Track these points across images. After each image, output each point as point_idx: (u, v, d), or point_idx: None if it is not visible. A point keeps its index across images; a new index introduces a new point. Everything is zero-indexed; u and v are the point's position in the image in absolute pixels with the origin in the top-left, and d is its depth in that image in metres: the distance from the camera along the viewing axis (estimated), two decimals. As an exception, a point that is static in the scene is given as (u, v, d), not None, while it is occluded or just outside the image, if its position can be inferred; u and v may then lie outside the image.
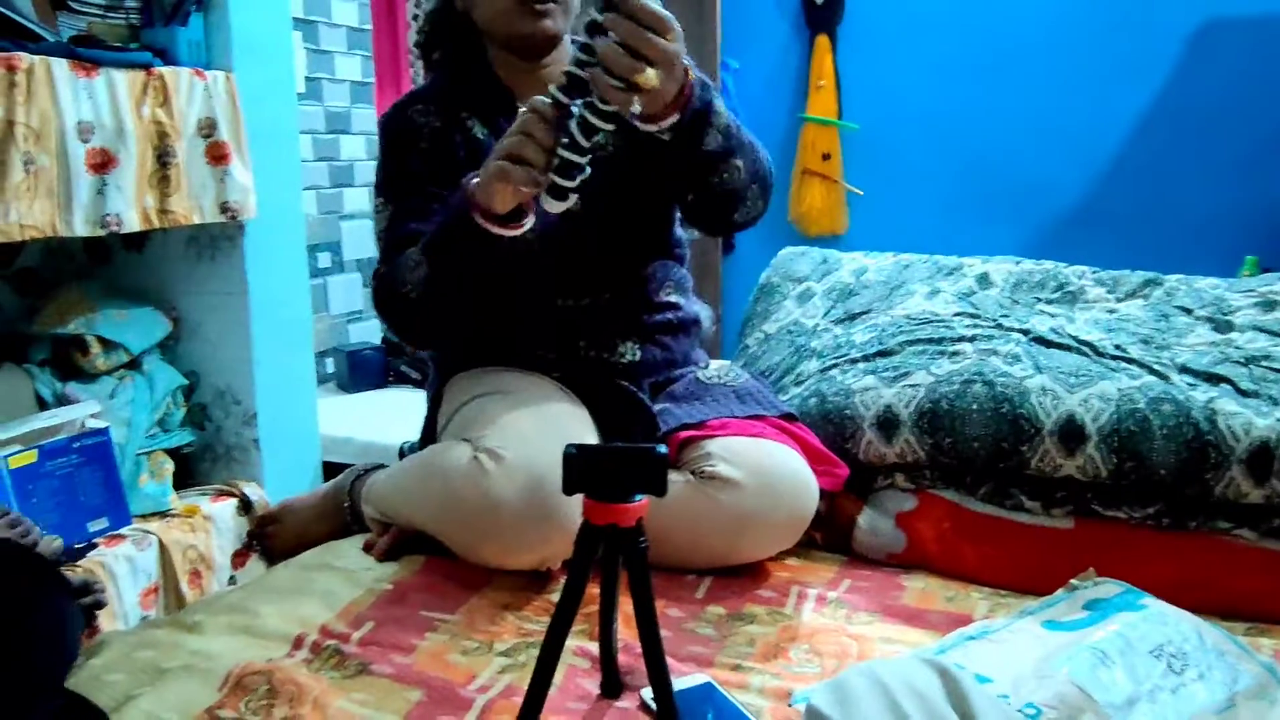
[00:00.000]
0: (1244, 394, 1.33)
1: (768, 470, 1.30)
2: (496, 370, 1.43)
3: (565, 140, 1.14)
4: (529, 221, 1.24)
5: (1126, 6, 3.07)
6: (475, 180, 1.24)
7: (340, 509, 1.51)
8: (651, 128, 1.22)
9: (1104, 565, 1.21)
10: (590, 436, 1.35)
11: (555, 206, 1.16)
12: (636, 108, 1.13)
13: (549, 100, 1.15)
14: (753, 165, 1.36)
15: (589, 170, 1.16)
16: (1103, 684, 0.95)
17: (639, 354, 1.45)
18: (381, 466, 1.54)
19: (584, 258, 1.42)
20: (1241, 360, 1.40)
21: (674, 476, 1.29)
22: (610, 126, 1.14)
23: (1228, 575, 1.25)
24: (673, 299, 1.51)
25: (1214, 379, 1.37)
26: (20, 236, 1.58)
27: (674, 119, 1.22)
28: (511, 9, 1.38)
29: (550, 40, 1.43)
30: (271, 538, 1.62)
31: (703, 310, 1.59)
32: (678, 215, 1.55)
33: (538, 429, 1.27)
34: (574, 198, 1.16)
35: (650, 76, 1.10)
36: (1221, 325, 1.54)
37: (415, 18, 3.35)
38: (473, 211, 1.22)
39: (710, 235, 1.50)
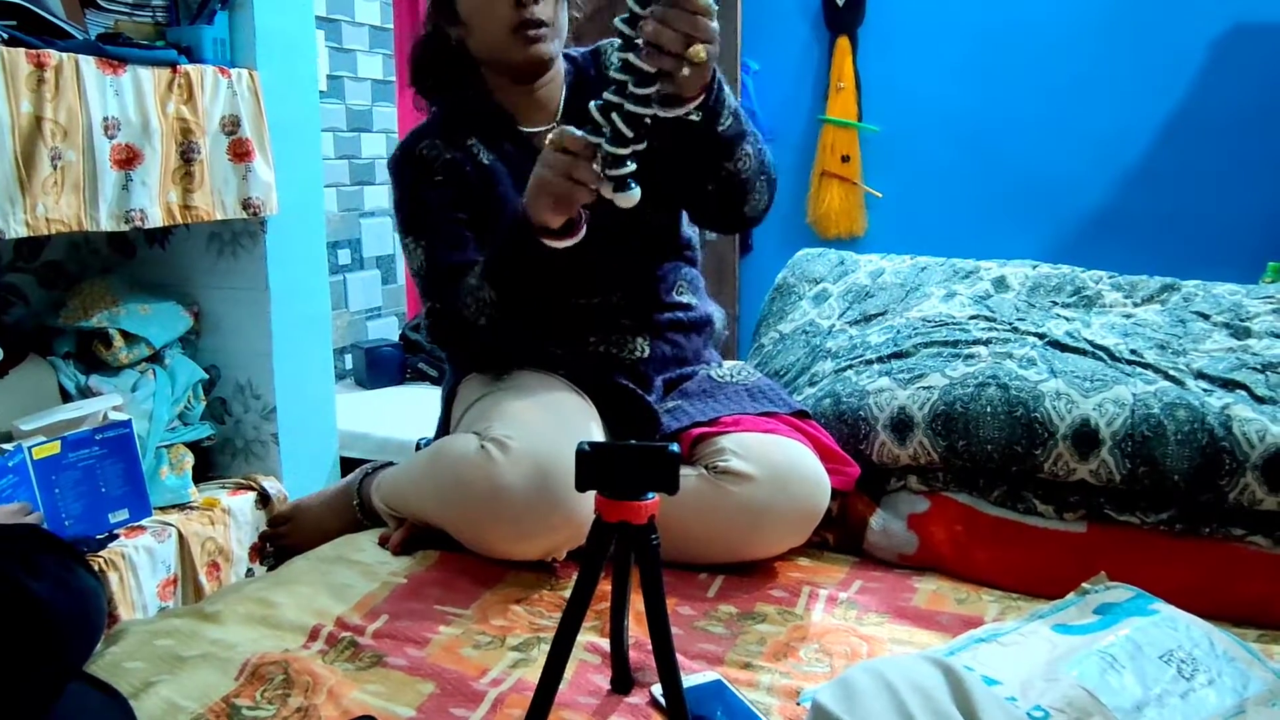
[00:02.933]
0: (1260, 400, 1.33)
1: (780, 465, 1.31)
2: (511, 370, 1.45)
3: (607, 134, 1.17)
4: (583, 230, 1.28)
5: (1150, 11, 3.06)
6: (526, 202, 1.27)
7: (350, 507, 1.53)
8: (681, 110, 1.24)
9: (1116, 570, 1.21)
10: (597, 430, 1.37)
11: (625, 200, 1.19)
12: (686, 71, 1.16)
13: (576, 131, 1.19)
14: (759, 154, 1.41)
15: (633, 165, 1.19)
16: (1112, 688, 0.95)
17: (648, 350, 1.47)
18: (390, 464, 1.56)
19: (595, 259, 1.44)
20: (1258, 366, 1.40)
21: (687, 471, 1.30)
22: (647, 110, 1.17)
23: (1240, 581, 1.25)
24: (685, 299, 1.53)
25: (1230, 385, 1.37)
26: (47, 231, 1.60)
27: (701, 99, 1.26)
28: (505, 38, 1.40)
29: (544, 64, 1.45)
30: (284, 537, 1.64)
31: (716, 311, 1.60)
32: (684, 216, 1.56)
33: (544, 420, 1.29)
34: (637, 189, 1.19)
35: (700, 51, 1.15)
36: (1239, 331, 1.53)
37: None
38: (534, 232, 1.26)
39: (721, 232, 1.54)
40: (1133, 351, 1.48)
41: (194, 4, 1.93)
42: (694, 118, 1.28)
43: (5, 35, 1.57)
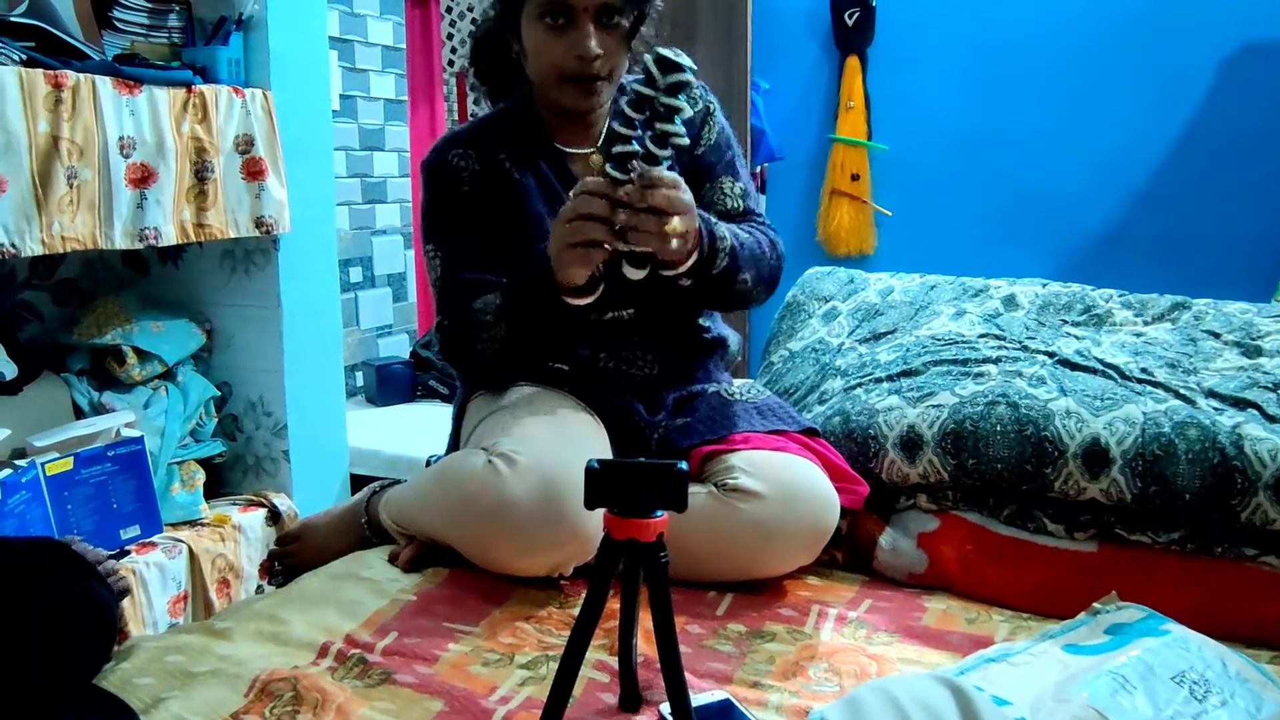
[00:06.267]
0: (1271, 419, 1.32)
1: (789, 483, 1.31)
2: (518, 386, 1.46)
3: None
4: (601, 288, 1.34)
5: (1160, 29, 3.06)
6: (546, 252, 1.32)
7: (358, 525, 1.53)
8: (677, 272, 1.33)
9: (1127, 590, 1.21)
10: (603, 447, 1.37)
11: (635, 274, 1.28)
12: (674, 244, 1.25)
13: (602, 178, 1.25)
14: (756, 273, 1.45)
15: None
16: (1123, 709, 0.94)
17: (656, 368, 1.48)
18: (398, 482, 1.56)
19: (607, 275, 1.45)
20: (1270, 385, 1.39)
21: (696, 489, 1.31)
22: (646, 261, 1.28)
23: (1253, 602, 1.24)
24: (700, 321, 1.54)
25: (1241, 404, 1.36)
26: (62, 248, 1.62)
27: (694, 260, 1.33)
28: (558, 83, 1.41)
29: (593, 112, 1.47)
30: (292, 555, 1.64)
31: (732, 335, 1.61)
32: None
33: (551, 435, 1.30)
34: (648, 266, 1.28)
35: (676, 224, 1.23)
36: (1250, 350, 1.52)
37: (449, 36, 3.40)
38: (558, 289, 1.31)
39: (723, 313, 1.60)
40: (1143, 370, 1.47)
41: (209, 25, 1.95)
42: (685, 282, 1.36)
43: (23, 56, 1.59)
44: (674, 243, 1.23)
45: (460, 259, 1.45)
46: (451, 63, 3.39)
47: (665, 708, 1.01)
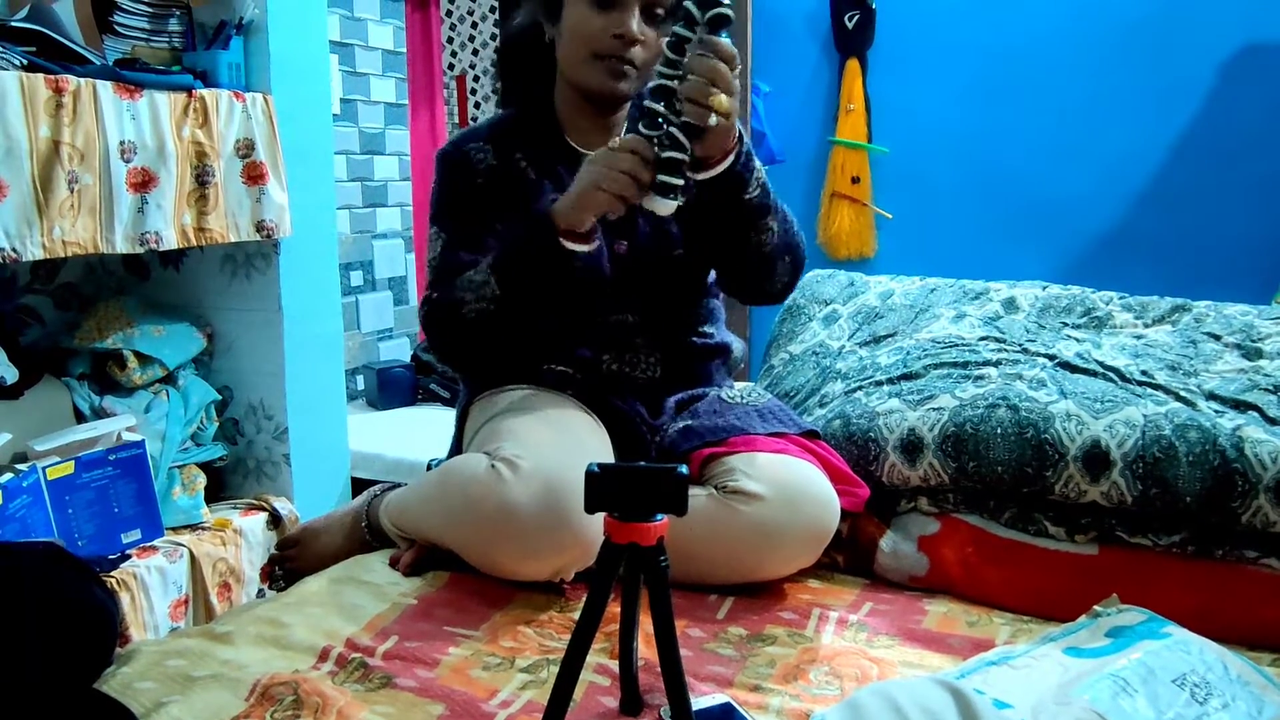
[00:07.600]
0: (1272, 422, 1.32)
1: (790, 485, 1.31)
2: (521, 388, 1.47)
3: (667, 142, 1.26)
4: (598, 240, 1.35)
5: (1160, 31, 3.06)
6: (556, 200, 1.33)
7: (359, 528, 1.53)
8: (711, 173, 1.32)
9: (1128, 592, 1.21)
10: (606, 451, 1.37)
11: (664, 207, 1.27)
12: (713, 120, 1.24)
13: (639, 134, 1.27)
14: (784, 232, 1.44)
15: (682, 180, 1.27)
16: (1124, 712, 0.94)
17: (659, 371, 1.48)
18: (399, 486, 1.56)
19: (614, 276, 1.45)
20: (1270, 387, 1.39)
21: (697, 491, 1.31)
22: (685, 155, 1.28)
23: (1254, 604, 1.23)
24: (704, 327, 1.54)
25: (1241, 406, 1.36)
26: (64, 253, 1.62)
27: (730, 161, 1.32)
28: (589, 62, 1.42)
29: (616, 99, 1.47)
30: (292, 560, 1.64)
31: (735, 341, 1.61)
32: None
33: (554, 440, 1.30)
34: (679, 199, 1.27)
35: (724, 102, 1.23)
36: (1250, 352, 1.52)
37: (449, 40, 3.41)
38: (557, 230, 1.31)
39: (743, 302, 1.58)
40: (1143, 372, 1.47)
41: (210, 29, 1.96)
42: (716, 173, 1.33)
43: (24, 61, 1.60)
44: (713, 119, 1.23)
45: (462, 241, 1.46)
46: (452, 66, 3.40)
47: (666, 711, 1.01)
